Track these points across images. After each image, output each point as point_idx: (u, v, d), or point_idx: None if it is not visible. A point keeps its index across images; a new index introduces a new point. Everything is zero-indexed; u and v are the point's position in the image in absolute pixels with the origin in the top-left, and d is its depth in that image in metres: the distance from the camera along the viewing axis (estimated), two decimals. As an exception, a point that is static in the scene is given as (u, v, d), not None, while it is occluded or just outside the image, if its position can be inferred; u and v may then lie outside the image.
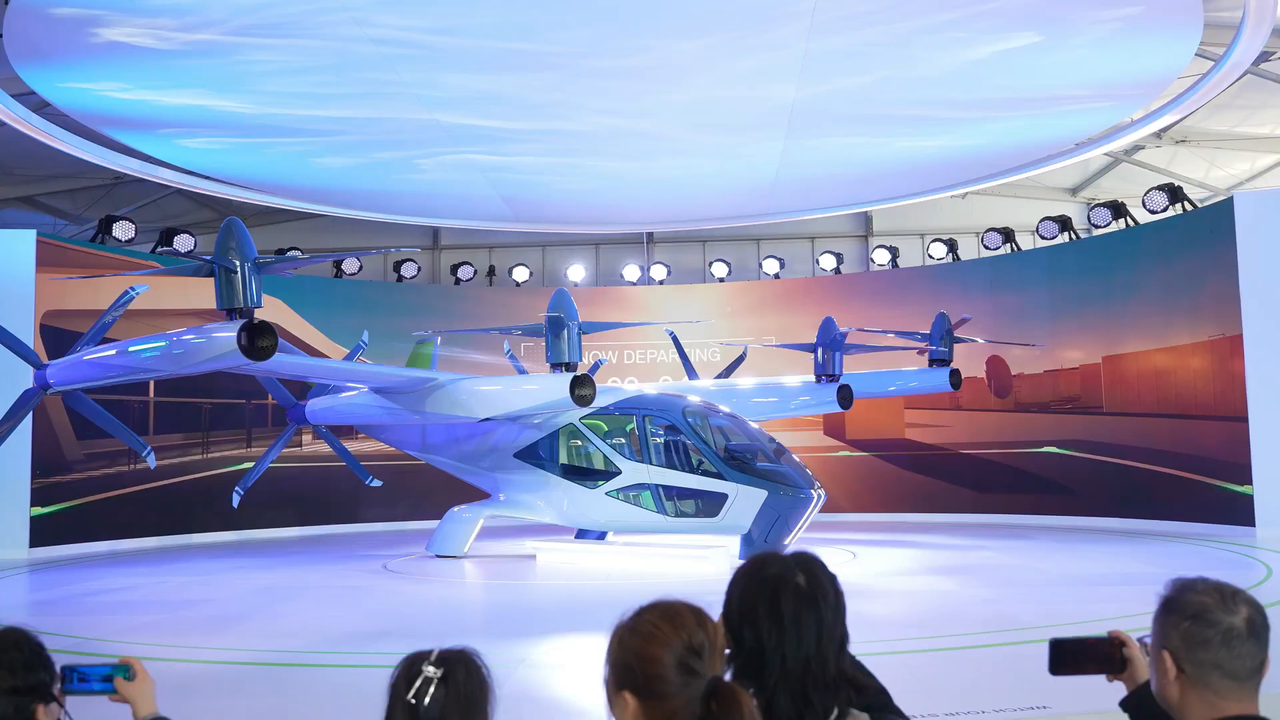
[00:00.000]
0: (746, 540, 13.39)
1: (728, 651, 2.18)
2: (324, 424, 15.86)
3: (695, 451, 13.80)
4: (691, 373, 17.76)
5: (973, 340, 17.19)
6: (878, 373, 16.84)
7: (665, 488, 13.88)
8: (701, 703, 1.93)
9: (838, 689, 2.14)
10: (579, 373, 12.79)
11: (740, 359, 18.29)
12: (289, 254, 19.46)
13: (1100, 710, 5.49)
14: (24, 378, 12.42)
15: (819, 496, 13.58)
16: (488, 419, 14.01)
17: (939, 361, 16.01)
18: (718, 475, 13.52)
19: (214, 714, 6.63)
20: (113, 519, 17.16)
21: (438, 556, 14.91)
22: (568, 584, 13.02)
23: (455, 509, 15.35)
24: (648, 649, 1.98)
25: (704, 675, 1.96)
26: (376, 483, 16.29)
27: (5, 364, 13.14)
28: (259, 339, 9.66)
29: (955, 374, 15.94)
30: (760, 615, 2.16)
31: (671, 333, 18.19)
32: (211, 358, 10.17)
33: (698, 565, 13.14)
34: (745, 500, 13.31)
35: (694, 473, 13.75)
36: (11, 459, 15.51)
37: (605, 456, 14.35)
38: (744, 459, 13.67)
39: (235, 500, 14.97)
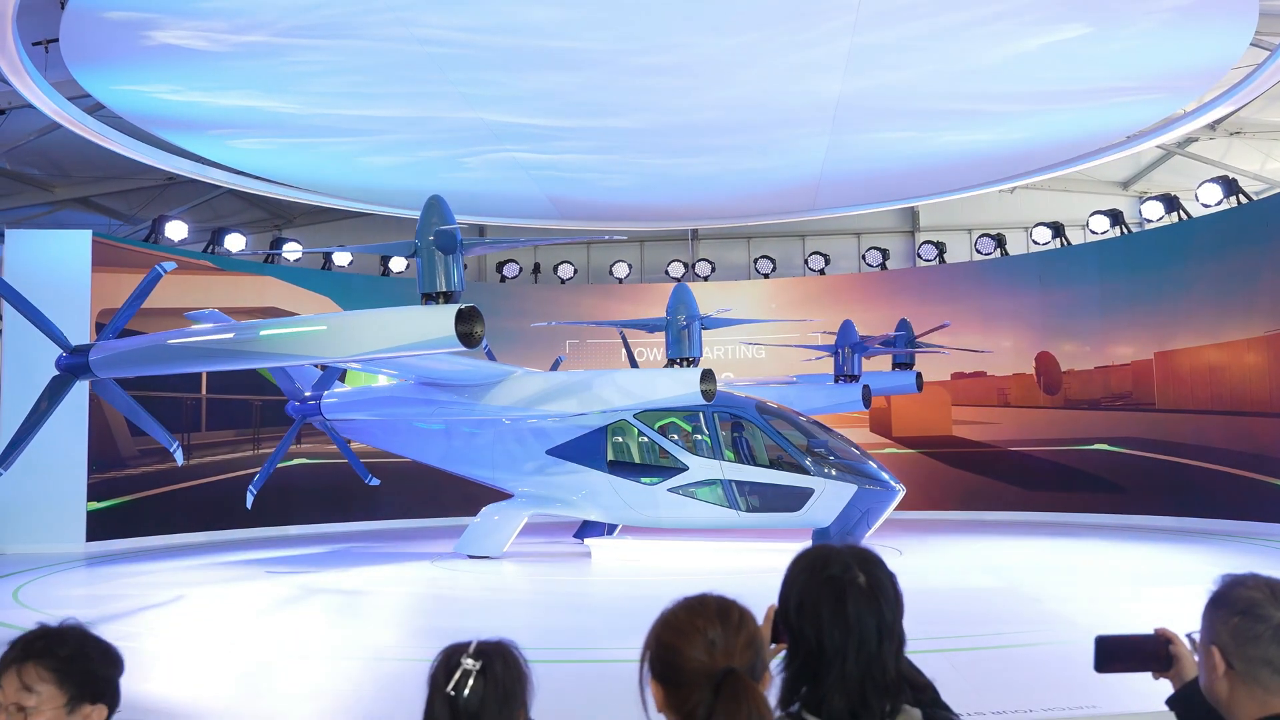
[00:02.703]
0: (821, 535, 13.38)
1: (773, 647, 2.19)
2: (342, 418, 15.08)
3: (775, 447, 13.81)
4: None
5: (940, 349, 17.37)
6: None
7: (740, 483, 13.82)
8: (710, 693, 1.97)
9: (897, 692, 2.12)
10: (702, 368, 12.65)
11: None
12: (335, 252, 19.55)
13: (1147, 710, 5.42)
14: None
15: (901, 491, 13.68)
16: (580, 414, 13.64)
17: (902, 365, 17.37)
18: (802, 470, 13.54)
19: (283, 709, 6.73)
20: (166, 514, 17.45)
21: (470, 557, 14.37)
22: (653, 579, 12.70)
23: (492, 506, 14.88)
24: (671, 640, 2.05)
25: (718, 667, 2.00)
26: (375, 481, 15.94)
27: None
28: (472, 325, 8.80)
29: (918, 377, 17.05)
30: (824, 617, 2.12)
31: (622, 333, 17.59)
32: (408, 344, 9.01)
33: (771, 559, 13.00)
34: (832, 495, 13.35)
35: (774, 468, 13.76)
36: (69, 454, 15.88)
37: (667, 452, 14.26)
38: (826, 454, 13.74)
39: (249, 501, 14.42)
